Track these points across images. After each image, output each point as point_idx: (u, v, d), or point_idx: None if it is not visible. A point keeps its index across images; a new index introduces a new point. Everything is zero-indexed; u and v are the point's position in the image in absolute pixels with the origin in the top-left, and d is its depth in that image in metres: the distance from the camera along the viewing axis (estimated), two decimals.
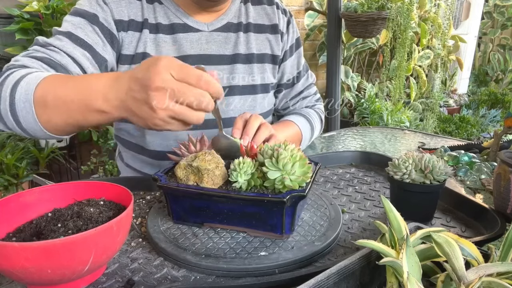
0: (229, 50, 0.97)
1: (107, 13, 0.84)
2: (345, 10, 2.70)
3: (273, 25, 1.04)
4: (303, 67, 1.14)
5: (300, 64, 1.13)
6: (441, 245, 0.40)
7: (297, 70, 1.12)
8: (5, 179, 2.00)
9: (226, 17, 0.98)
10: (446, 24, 3.56)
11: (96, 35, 0.82)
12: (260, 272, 0.54)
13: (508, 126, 0.97)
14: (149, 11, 0.89)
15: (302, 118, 1.07)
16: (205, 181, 0.62)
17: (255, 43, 1.01)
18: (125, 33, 0.86)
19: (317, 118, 1.12)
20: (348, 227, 0.68)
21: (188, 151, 0.70)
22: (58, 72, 0.73)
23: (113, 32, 0.85)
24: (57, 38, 0.80)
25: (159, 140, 0.95)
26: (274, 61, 1.05)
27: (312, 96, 1.17)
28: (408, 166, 0.68)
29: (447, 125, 3.88)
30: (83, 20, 0.82)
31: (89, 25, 0.82)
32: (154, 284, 0.53)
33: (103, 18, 0.83)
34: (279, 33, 1.05)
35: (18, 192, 0.59)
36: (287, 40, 1.08)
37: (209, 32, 0.95)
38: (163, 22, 0.91)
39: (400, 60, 2.96)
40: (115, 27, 0.85)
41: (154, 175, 0.65)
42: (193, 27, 0.93)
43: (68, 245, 0.46)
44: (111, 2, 0.85)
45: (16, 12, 2.16)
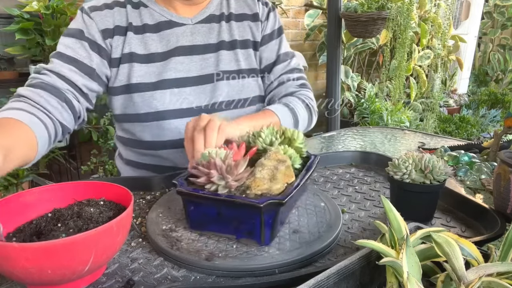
0: (214, 39, 1.02)
1: (92, 26, 0.93)
2: (345, 10, 2.69)
3: (254, 14, 1.08)
4: (285, 54, 1.11)
5: (280, 50, 1.11)
6: (441, 245, 0.40)
7: (276, 54, 1.10)
8: (5, 179, 2.00)
9: (208, 10, 1.04)
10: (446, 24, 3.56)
11: (84, 49, 0.92)
12: (260, 272, 0.54)
13: (508, 126, 0.97)
14: (134, 15, 0.97)
15: (280, 105, 1.00)
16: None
17: (238, 30, 1.05)
18: (111, 39, 0.95)
19: (300, 104, 1.04)
20: (348, 227, 0.68)
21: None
22: (44, 90, 0.85)
23: (99, 42, 0.94)
24: (50, 61, 0.92)
25: (157, 131, 0.98)
26: (255, 47, 1.08)
27: (293, 81, 1.10)
28: (408, 166, 0.68)
29: (447, 125, 3.87)
30: (72, 39, 0.93)
31: (77, 42, 0.93)
32: (154, 284, 0.53)
33: (87, 32, 0.93)
34: (259, 20, 1.08)
35: (18, 192, 0.59)
36: (266, 26, 1.10)
37: (193, 25, 1.01)
38: (149, 22, 0.98)
39: (400, 60, 2.96)
40: (102, 37, 0.94)
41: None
42: (177, 22, 1.00)
43: (68, 245, 0.46)
44: (95, 16, 0.94)
45: (16, 12, 2.16)
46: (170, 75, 0.96)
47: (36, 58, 2.37)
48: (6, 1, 2.29)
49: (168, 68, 0.97)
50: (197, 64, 0.99)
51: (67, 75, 0.89)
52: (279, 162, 0.63)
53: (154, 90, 0.96)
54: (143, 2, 0.99)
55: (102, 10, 0.95)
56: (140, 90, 0.96)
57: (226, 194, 0.58)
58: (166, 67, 0.97)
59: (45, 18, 2.17)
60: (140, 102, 0.96)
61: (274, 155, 0.64)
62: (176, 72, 0.97)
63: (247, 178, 0.61)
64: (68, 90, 0.89)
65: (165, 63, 0.97)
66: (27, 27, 2.18)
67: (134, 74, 0.95)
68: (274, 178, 0.61)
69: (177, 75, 0.97)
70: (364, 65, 3.93)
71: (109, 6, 0.96)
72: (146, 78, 0.96)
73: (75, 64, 0.91)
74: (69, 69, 0.90)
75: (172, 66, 0.97)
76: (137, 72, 0.95)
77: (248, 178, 0.61)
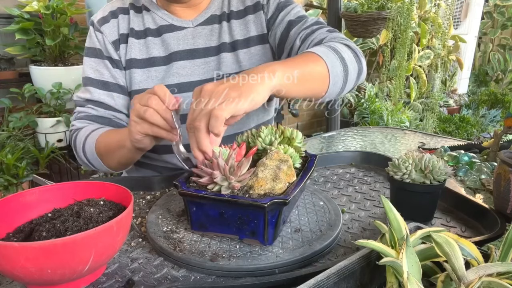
0: (215, 41, 1.00)
1: (105, 42, 0.96)
2: (345, 10, 2.69)
3: (255, 4, 1.01)
4: (298, 17, 0.97)
5: (289, 16, 0.98)
6: (441, 245, 0.40)
7: (287, 21, 0.97)
8: (5, 179, 2.00)
9: (209, 11, 1.01)
10: (446, 24, 3.56)
11: (106, 69, 0.97)
12: (260, 272, 0.54)
13: (508, 126, 0.97)
14: (136, 20, 0.99)
15: (318, 47, 0.80)
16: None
17: (239, 29, 1.01)
18: (119, 50, 0.97)
19: (340, 45, 0.83)
20: (348, 227, 0.68)
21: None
22: (97, 122, 0.95)
23: (114, 57, 0.97)
24: (86, 89, 0.97)
25: None
26: (263, 40, 1.01)
27: (319, 29, 0.92)
28: (408, 166, 0.68)
29: (447, 125, 3.88)
30: (95, 59, 0.97)
31: (101, 62, 0.97)
32: (154, 284, 0.53)
33: (105, 50, 0.97)
34: (261, 9, 1.00)
35: (18, 192, 0.59)
36: (269, 8, 1.00)
37: (194, 28, 1.00)
38: (151, 26, 0.98)
39: (400, 60, 2.96)
40: (113, 49, 0.97)
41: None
42: (178, 26, 0.99)
43: (68, 245, 0.46)
44: (105, 29, 0.96)
45: (16, 12, 2.16)
46: (172, 80, 0.96)
47: (36, 58, 2.37)
48: (6, 1, 2.29)
49: (170, 73, 0.96)
50: (199, 67, 0.98)
51: (108, 102, 0.96)
52: (281, 162, 0.63)
53: None
54: (146, 6, 0.99)
55: (109, 21, 0.97)
56: None
57: (229, 195, 0.58)
58: (169, 72, 0.96)
59: (45, 18, 2.17)
60: None
61: (276, 155, 0.64)
62: (178, 76, 0.96)
63: (250, 178, 0.61)
64: (115, 116, 0.97)
65: (168, 67, 0.96)
66: (27, 27, 2.19)
67: (135, 80, 0.96)
68: (277, 177, 0.61)
69: (180, 79, 0.96)
70: None
71: (115, 14, 0.98)
72: (149, 83, 0.95)
73: (107, 87, 0.96)
74: (107, 95, 0.96)
75: (175, 71, 0.96)
76: (137, 78, 0.96)
77: (251, 178, 0.61)
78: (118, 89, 0.98)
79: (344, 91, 0.84)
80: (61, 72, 2.30)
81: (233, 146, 0.66)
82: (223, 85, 0.62)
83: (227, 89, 0.61)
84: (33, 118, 2.25)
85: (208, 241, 0.61)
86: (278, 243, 0.60)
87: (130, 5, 0.99)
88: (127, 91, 0.99)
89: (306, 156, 0.74)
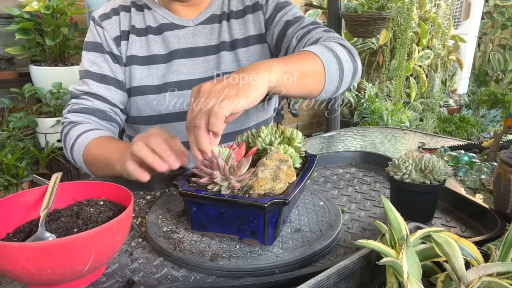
0: (215, 40, 1.01)
1: (106, 37, 0.96)
2: (345, 10, 2.69)
3: (254, 4, 1.02)
4: (295, 17, 0.99)
5: (287, 16, 0.99)
6: (441, 245, 0.40)
7: (284, 21, 0.98)
8: (5, 179, 2.00)
9: (210, 10, 1.02)
10: (446, 24, 3.56)
11: (106, 63, 0.96)
12: (260, 272, 0.54)
13: (508, 126, 0.97)
14: (138, 18, 0.99)
15: (314, 46, 0.81)
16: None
17: (238, 28, 1.02)
18: (120, 46, 0.97)
19: (335, 44, 0.83)
20: (348, 227, 0.68)
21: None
22: (92, 115, 0.94)
23: (115, 52, 0.97)
24: (83, 82, 0.96)
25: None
26: (261, 39, 1.02)
27: (315, 29, 0.93)
28: (408, 166, 0.68)
29: (447, 125, 3.88)
30: (95, 53, 0.96)
31: (100, 56, 0.96)
32: (154, 284, 0.53)
33: (106, 45, 0.96)
34: (259, 9, 1.02)
35: (18, 192, 0.59)
36: (267, 8, 1.01)
37: (194, 26, 1.01)
38: (152, 25, 0.99)
39: (400, 60, 2.95)
40: (115, 45, 0.97)
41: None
42: (179, 25, 1.00)
43: (68, 245, 0.46)
44: (106, 25, 0.96)
45: (16, 12, 2.16)
46: (172, 78, 0.96)
47: (36, 58, 2.37)
48: (6, 1, 2.29)
49: (171, 71, 0.97)
50: (199, 66, 0.99)
51: (105, 95, 0.95)
52: (281, 162, 0.63)
53: (158, 93, 0.96)
54: (147, 4, 1.00)
55: (111, 18, 0.97)
56: (143, 93, 0.96)
57: (229, 195, 0.58)
58: (169, 69, 0.97)
59: (45, 18, 2.17)
60: (143, 105, 0.97)
61: (276, 155, 0.64)
62: (178, 74, 0.97)
63: (250, 178, 0.61)
64: (111, 110, 0.96)
65: (168, 65, 0.97)
66: (27, 27, 2.19)
67: (135, 77, 0.96)
68: (277, 177, 0.61)
69: (180, 77, 0.97)
70: (364, 65, 3.93)
71: (116, 11, 0.98)
72: (149, 80, 0.96)
73: (105, 80, 0.96)
74: (105, 88, 0.95)
75: (175, 69, 0.97)
76: (138, 74, 0.96)
77: (251, 178, 0.61)
78: (116, 83, 0.97)
79: (339, 90, 0.84)
80: (61, 72, 2.31)
81: (233, 146, 0.66)
82: (220, 83, 0.62)
83: (225, 88, 0.61)
84: (33, 118, 2.25)
85: (208, 241, 0.61)
86: (278, 243, 0.60)
87: (132, 3, 0.99)
88: (124, 87, 0.98)
89: (306, 156, 0.74)
